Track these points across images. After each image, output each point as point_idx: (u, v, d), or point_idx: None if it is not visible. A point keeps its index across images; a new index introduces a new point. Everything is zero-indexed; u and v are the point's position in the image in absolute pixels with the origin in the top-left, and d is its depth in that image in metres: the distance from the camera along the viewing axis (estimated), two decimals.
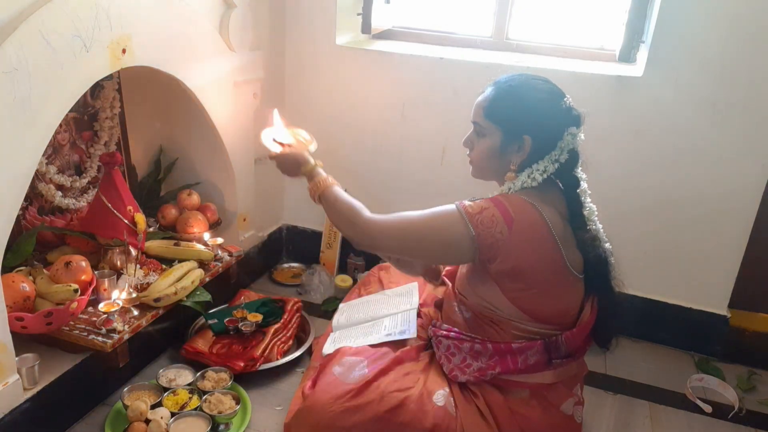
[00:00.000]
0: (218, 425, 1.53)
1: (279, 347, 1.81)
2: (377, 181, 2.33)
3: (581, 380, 1.43)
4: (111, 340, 1.50)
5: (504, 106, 1.30)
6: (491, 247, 1.25)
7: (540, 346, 1.30)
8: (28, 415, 1.38)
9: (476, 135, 1.37)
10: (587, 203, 1.35)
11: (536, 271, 1.27)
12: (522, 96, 1.30)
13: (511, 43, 2.22)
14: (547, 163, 1.29)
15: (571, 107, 1.31)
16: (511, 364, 1.31)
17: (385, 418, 1.26)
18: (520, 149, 1.30)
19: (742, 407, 1.80)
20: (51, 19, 1.25)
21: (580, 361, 1.42)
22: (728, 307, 2.04)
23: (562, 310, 1.33)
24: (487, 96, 1.33)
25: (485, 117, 1.32)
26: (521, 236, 1.24)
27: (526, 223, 1.24)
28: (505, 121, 1.30)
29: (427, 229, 1.31)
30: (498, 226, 1.24)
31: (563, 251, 1.27)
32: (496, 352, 1.32)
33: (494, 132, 1.32)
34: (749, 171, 1.88)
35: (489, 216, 1.25)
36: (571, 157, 1.31)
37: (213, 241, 1.98)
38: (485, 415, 1.30)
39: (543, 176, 1.29)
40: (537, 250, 1.26)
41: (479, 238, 1.25)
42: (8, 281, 1.44)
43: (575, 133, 1.30)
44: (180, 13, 1.67)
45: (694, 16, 1.80)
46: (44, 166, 1.72)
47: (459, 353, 1.37)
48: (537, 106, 1.29)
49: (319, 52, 2.24)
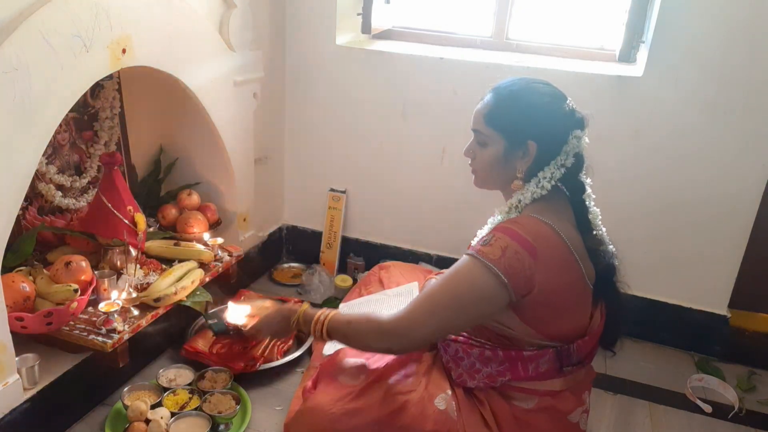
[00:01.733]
0: (218, 425, 1.53)
1: (279, 347, 1.81)
2: (377, 182, 2.33)
3: (589, 386, 1.40)
4: (111, 340, 1.50)
5: (505, 112, 1.26)
6: (526, 285, 1.18)
7: (552, 354, 1.27)
8: (28, 415, 1.38)
9: (478, 144, 1.31)
10: (591, 207, 1.33)
11: (564, 293, 1.23)
12: (523, 100, 1.25)
13: (511, 43, 2.22)
14: (553, 168, 1.25)
15: (574, 110, 1.28)
16: (522, 372, 1.27)
17: (386, 420, 1.24)
18: (525, 155, 1.26)
19: (742, 407, 1.80)
20: (51, 19, 1.25)
21: (588, 366, 1.40)
22: (728, 307, 2.04)
23: (577, 327, 1.30)
24: (487, 102, 1.29)
25: (486, 124, 1.28)
26: (547, 263, 1.18)
27: (548, 248, 1.19)
28: (508, 127, 1.26)
29: (456, 297, 1.20)
30: (525, 261, 1.17)
31: (581, 264, 1.24)
32: (506, 359, 1.28)
33: (497, 139, 1.27)
34: (749, 171, 1.88)
35: (512, 254, 1.17)
36: (576, 161, 1.27)
37: (213, 241, 1.98)
38: (489, 424, 1.27)
39: (551, 183, 1.25)
40: (563, 271, 1.21)
41: (512, 282, 1.17)
42: (8, 281, 1.44)
43: (580, 136, 1.27)
44: (180, 13, 1.67)
45: (694, 16, 1.80)
46: (44, 166, 1.72)
47: (468, 358, 1.32)
48: (540, 110, 1.25)
49: (319, 52, 2.24)
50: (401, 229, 2.36)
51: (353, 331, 1.28)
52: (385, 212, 2.37)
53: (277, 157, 2.40)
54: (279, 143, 2.40)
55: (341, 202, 2.40)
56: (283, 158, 2.45)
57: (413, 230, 2.33)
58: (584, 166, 1.30)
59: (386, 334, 1.23)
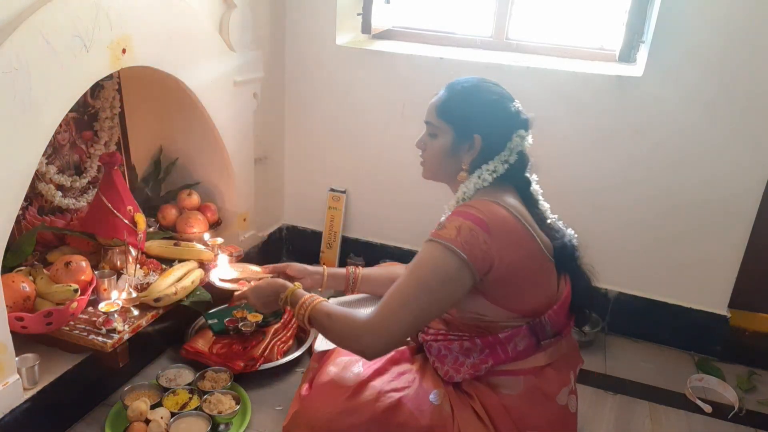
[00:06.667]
0: (218, 425, 1.53)
1: (279, 347, 1.81)
2: (376, 181, 2.33)
3: (575, 369, 1.44)
4: (111, 340, 1.50)
5: (456, 106, 1.35)
6: (485, 259, 1.23)
7: (526, 331, 1.32)
8: (28, 415, 1.38)
9: (429, 135, 1.40)
10: (541, 202, 1.40)
11: (524, 265, 1.28)
12: (473, 96, 1.35)
13: (511, 43, 2.22)
14: (497, 163, 1.33)
15: (519, 111, 1.36)
16: (502, 354, 1.32)
17: (382, 418, 1.26)
18: (471, 148, 1.34)
19: (742, 407, 1.80)
20: (51, 19, 1.26)
21: (570, 343, 1.43)
22: (728, 307, 2.04)
23: (549, 298, 1.35)
24: (440, 97, 1.38)
25: (438, 116, 1.37)
26: (501, 237, 1.24)
27: (500, 223, 1.25)
28: (457, 120, 1.34)
29: (423, 284, 1.24)
30: (480, 236, 1.22)
31: (536, 236, 1.30)
32: (485, 345, 1.33)
33: (446, 131, 1.36)
34: (749, 171, 1.88)
35: (467, 232, 1.22)
36: (520, 159, 1.35)
37: (213, 241, 1.98)
38: (482, 417, 1.30)
39: (492, 176, 1.33)
40: (519, 243, 1.27)
41: (471, 258, 1.21)
42: (8, 281, 1.44)
43: (524, 136, 1.35)
44: (180, 13, 1.67)
45: (694, 16, 1.80)
46: (44, 166, 1.72)
47: (450, 354, 1.37)
48: (487, 107, 1.34)
49: (319, 52, 2.24)
50: (401, 229, 2.36)
51: (331, 325, 1.31)
52: (385, 212, 2.37)
53: (277, 157, 2.40)
54: (279, 143, 2.40)
55: (341, 202, 2.40)
56: (283, 158, 2.45)
57: (413, 230, 2.33)
58: (529, 164, 1.39)
59: (362, 333, 1.25)
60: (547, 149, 2.05)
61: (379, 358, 1.33)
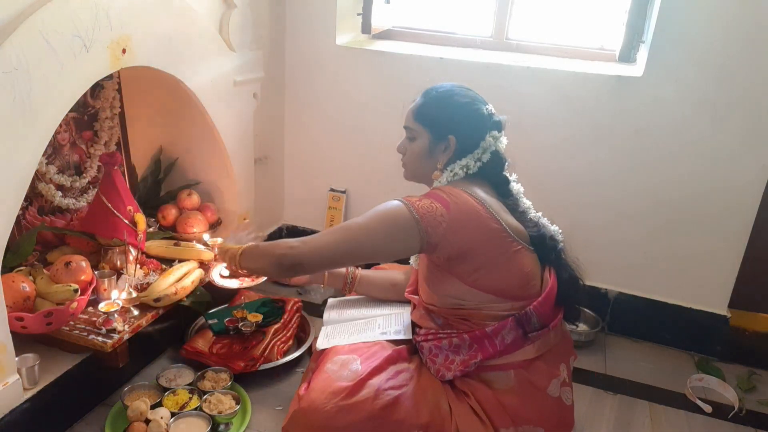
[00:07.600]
0: (218, 425, 1.53)
1: (279, 347, 1.81)
2: (376, 181, 2.33)
3: (566, 361, 1.46)
4: (111, 340, 1.50)
5: (431, 110, 1.45)
6: (436, 230, 1.31)
7: (512, 322, 1.36)
8: (28, 415, 1.38)
9: (408, 139, 1.50)
10: (522, 200, 1.48)
11: (481, 244, 1.34)
12: (447, 101, 1.45)
13: (511, 43, 2.22)
14: (469, 160, 1.43)
15: (492, 113, 1.45)
16: (490, 348, 1.36)
17: (380, 416, 1.27)
18: (447, 149, 1.44)
19: (742, 407, 1.80)
20: (51, 19, 1.25)
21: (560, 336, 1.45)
22: (728, 307, 2.04)
23: (522, 279, 1.38)
24: (417, 103, 1.49)
25: (415, 120, 1.47)
26: (460, 215, 1.32)
27: (461, 203, 1.34)
28: (433, 122, 1.44)
29: (368, 219, 1.36)
30: (438, 210, 1.32)
31: (500, 219, 1.36)
32: (473, 340, 1.37)
33: (423, 134, 1.46)
34: (749, 171, 1.88)
35: (428, 203, 1.33)
36: (494, 159, 1.44)
37: (213, 241, 1.98)
38: (478, 413, 1.33)
39: (464, 171, 1.42)
40: (476, 223, 1.34)
41: (424, 222, 1.31)
42: (8, 281, 1.44)
43: (497, 136, 1.45)
44: (180, 13, 1.67)
45: (694, 16, 1.80)
46: (44, 166, 1.72)
47: (440, 352, 1.41)
48: (460, 110, 1.44)
49: (319, 52, 2.24)
50: None
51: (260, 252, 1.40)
52: None
53: (277, 157, 2.40)
54: (279, 143, 2.40)
55: (341, 202, 2.40)
56: (283, 158, 2.45)
57: None
58: (506, 164, 1.48)
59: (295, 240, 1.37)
60: (547, 149, 2.06)
61: (299, 266, 1.37)
